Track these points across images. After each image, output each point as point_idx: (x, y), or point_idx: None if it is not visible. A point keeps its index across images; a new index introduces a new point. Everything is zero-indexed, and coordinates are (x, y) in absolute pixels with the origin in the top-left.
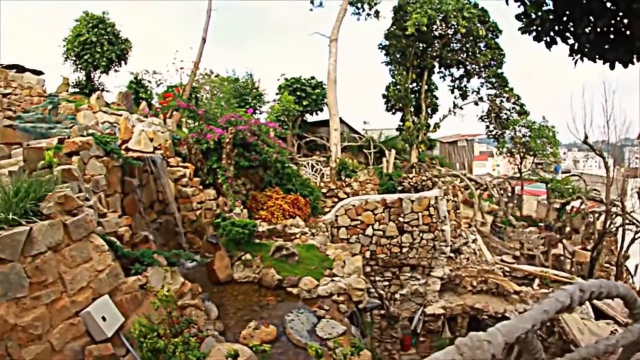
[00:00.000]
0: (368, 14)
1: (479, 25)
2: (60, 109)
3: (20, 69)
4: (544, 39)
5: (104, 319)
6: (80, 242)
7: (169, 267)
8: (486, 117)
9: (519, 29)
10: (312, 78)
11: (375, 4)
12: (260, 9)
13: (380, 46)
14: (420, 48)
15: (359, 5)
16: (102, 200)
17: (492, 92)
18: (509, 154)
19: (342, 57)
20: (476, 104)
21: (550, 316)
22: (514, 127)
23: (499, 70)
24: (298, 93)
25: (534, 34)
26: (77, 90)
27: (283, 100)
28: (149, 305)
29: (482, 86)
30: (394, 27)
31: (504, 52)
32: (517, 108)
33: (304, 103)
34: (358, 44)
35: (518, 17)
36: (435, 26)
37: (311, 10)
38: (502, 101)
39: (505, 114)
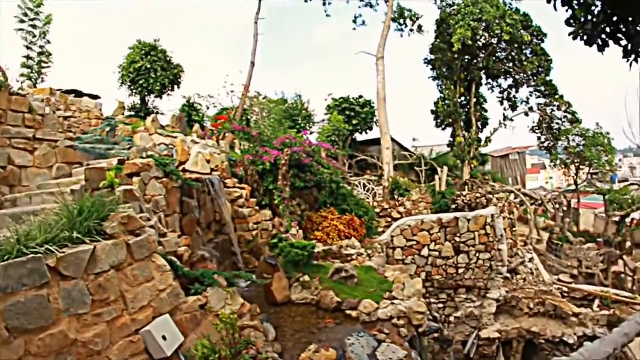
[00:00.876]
0: (411, 30)
1: (522, 31)
2: (118, 131)
3: (79, 94)
4: (597, 42)
5: (164, 338)
6: (143, 262)
7: (228, 287)
8: (537, 128)
9: (570, 34)
10: (360, 97)
11: (418, 18)
12: (303, 31)
13: (426, 61)
14: (466, 60)
15: (402, 21)
16: (162, 220)
17: (542, 101)
18: (563, 166)
19: (388, 74)
20: (526, 114)
21: (630, 339)
22: (567, 136)
23: (548, 78)
24: (347, 112)
25: (585, 38)
26: (132, 113)
27: (333, 120)
28: (208, 325)
29: (531, 95)
30: (438, 40)
31: (551, 58)
32: (569, 116)
33: (354, 122)
34: (403, 59)
35: (568, 22)
36: (478, 36)
37: (354, 29)
38: (552, 110)
39: (557, 123)
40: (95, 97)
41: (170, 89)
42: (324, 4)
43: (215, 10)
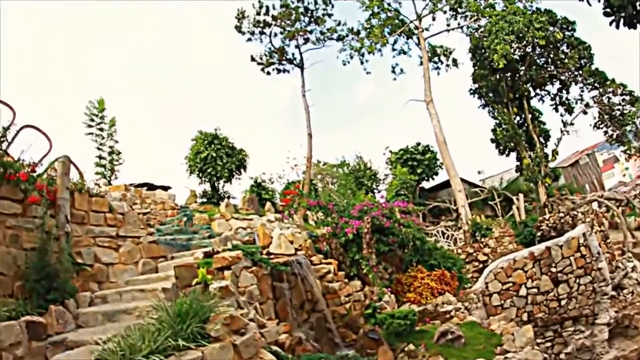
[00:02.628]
0: (447, 65)
1: (552, 29)
2: (195, 220)
3: (151, 187)
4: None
5: None
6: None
7: None
8: (600, 122)
9: (611, 23)
10: (418, 144)
11: (450, 52)
12: (346, 92)
13: (471, 91)
14: (509, 79)
15: (436, 59)
16: (257, 309)
17: (596, 92)
18: (638, 153)
19: (440, 114)
20: (584, 112)
21: None
22: (632, 121)
23: (593, 67)
24: (409, 163)
25: (628, 22)
26: (204, 200)
27: (398, 173)
28: None
29: (582, 91)
30: (477, 67)
31: (589, 44)
32: (627, 98)
33: (418, 171)
34: (448, 96)
35: (605, 13)
36: (513, 50)
37: (394, 79)
38: (609, 98)
39: (618, 110)
40: (167, 188)
41: (237, 172)
42: (362, 63)
43: (260, 87)
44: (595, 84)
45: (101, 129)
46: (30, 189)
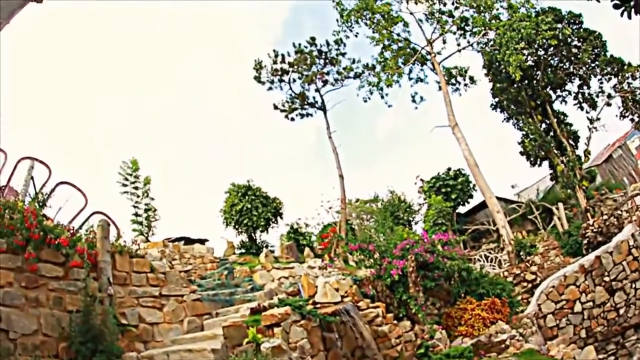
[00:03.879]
0: (465, 85)
1: (559, 26)
2: (236, 272)
3: (188, 241)
4: None
5: None
6: None
7: None
8: (624, 110)
9: (622, 14)
10: (449, 169)
11: (466, 71)
12: (368, 126)
13: (492, 106)
14: (528, 86)
15: (453, 80)
16: None
17: (615, 80)
18: None
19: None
20: (608, 104)
21: None
22: None
23: (608, 54)
24: (443, 190)
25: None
26: (243, 251)
27: (433, 203)
28: None
29: (602, 83)
30: (494, 82)
31: (599, 32)
32: None
33: (452, 197)
34: (471, 116)
35: (616, 5)
36: (525, 57)
37: (416, 108)
38: (629, 84)
39: None
40: (204, 241)
41: (274, 221)
42: (382, 97)
43: (286, 132)
44: (613, 72)
45: (136, 188)
46: (71, 253)
